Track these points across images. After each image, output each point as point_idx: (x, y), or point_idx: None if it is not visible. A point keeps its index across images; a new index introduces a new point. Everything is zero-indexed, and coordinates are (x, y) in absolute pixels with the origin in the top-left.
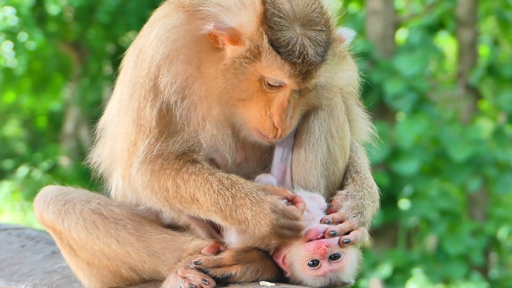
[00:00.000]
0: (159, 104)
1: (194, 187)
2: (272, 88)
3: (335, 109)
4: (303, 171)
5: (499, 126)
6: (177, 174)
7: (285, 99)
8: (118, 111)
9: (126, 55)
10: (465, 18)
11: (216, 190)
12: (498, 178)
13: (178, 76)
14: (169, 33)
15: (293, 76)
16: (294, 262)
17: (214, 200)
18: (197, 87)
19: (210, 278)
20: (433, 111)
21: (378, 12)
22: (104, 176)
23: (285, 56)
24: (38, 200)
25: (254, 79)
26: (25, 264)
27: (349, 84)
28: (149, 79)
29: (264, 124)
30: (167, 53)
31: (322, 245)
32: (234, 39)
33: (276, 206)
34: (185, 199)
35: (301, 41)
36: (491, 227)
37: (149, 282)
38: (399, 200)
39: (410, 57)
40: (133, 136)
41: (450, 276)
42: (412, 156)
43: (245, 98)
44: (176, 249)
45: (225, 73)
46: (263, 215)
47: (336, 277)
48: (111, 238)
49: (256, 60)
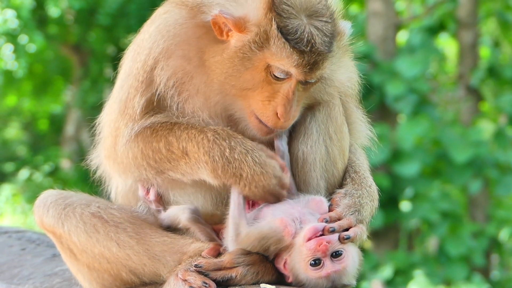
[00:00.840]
0: (149, 95)
1: (187, 140)
2: (278, 79)
3: (332, 110)
4: (302, 174)
5: (500, 128)
6: (170, 132)
7: (290, 91)
8: (110, 105)
9: (125, 53)
10: (465, 20)
11: (212, 140)
12: (499, 179)
13: (176, 71)
14: (170, 27)
15: (300, 66)
16: (295, 265)
17: (206, 149)
18: (195, 82)
19: (211, 281)
20: (434, 113)
21: (379, 13)
22: (104, 177)
23: (293, 44)
24: (38, 204)
25: (261, 68)
26: (26, 267)
27: (350, 79)
28: (144, 71)
29: (266, 111)
30: (166, 47)
31: (323, 241)
32: (239, 26)
33: (277, 171)
34: (175, 155)
35: (309, 29)
36: (492, 229)
37: (150, 285)
38: (400, 202)
39: (411, 58)
40: (117, 123)
41: (451, 278)
42: (413, 158)
43: (249, 87)
44: (176, 252)
45: (230, 59)
46: (264, 177)
47: (338, 278)
48: (111, 241)
49: (264, 46)
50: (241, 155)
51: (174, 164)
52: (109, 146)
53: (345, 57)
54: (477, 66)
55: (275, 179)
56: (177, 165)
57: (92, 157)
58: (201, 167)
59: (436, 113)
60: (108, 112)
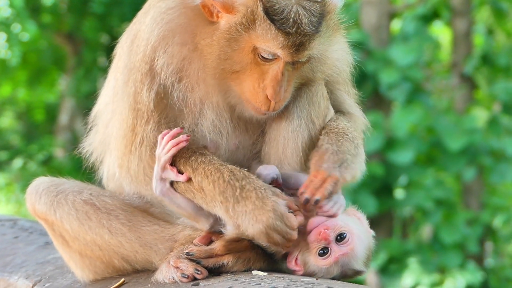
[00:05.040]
0: (156, 87)
1: (203, 175)
2: (266, 60)
3: (315, 96)
4: (284, 157)
5: (494, 115)
6: (186, 161)
7: (278, 72)
8: (112, 98)
9: (120, 42)
10: (459, 8)
11: (227, 180)
12: (493, 167)
13: (174, 57)
14: (164, 14)
15: (286, 47)
16: (306, 259)
17: (222, 189)
18: (194, 67)
19: (203, 268)
20: (428, 101)
21: (373, 2)
22: (96, 164)
23: (279, 25)
24: (30, 192)
25: (247, 49)
26: (18, 255)
27: (342, 57)
28: (145, 62)
29: (257, 96)
30: (162, 35)
31: (320, 229)
32: (227, 8)
33: (278, 207)
34: (192, 186)
35: (296, 9)
36: (486, 216)
37: (142, 272)
38: (394, 190)
39: (405, 47)
40: (130, 121)
41: (445, 265)
42: (407, 145)
43: (238, 70)
44: (168, 239)
45: (219, 41)
46: (263, 210)
47: (347, 264)
48: (103, 228)
49: (250, 28)
50: (247, 192)
51: (190, 195)
52: (123, 152)
53: (336, 35)
54: (471, 54)
55: (274, 213)
56: (193, 197)
57: (84, 144)
58: (216, 206)
59: (430, 101)
60: (114, 107)
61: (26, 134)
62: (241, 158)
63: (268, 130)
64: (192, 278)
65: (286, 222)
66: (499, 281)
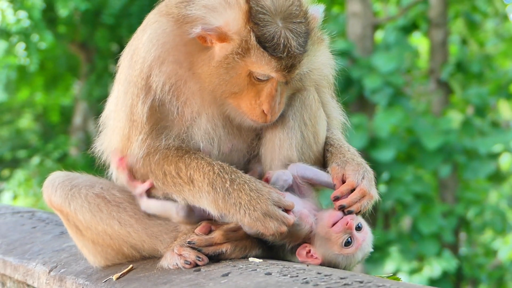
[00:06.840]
0: (150, 102)
1: (195, 168)
2: (261, 81)
3: (307, 99)
4: (281, 157)
5: (468, 118)
6: (180, 159)
7: (273, 89)
8: (115, 107)
9: (122, 55)
10: (436, 20)
11: (217, 172)
12: (466, 164)
13: (170, 76)
14: (159, 36)
15: (279, 70)
16: (326, 251)
17: (210, 180)
18: (190, 85)
19: (203, 255)
20: (408, 104)
21: (357, 14)
22: (106, 163)
23: (271, 51)
24: (47, 185)
25: (244, 74)
26: (36, 243)
27: (325, 63)
28: (141, 78)
29: (254, 111)
30: (157, 55)
31: (347, 219)
32: (222, 37)
33: (273, 194)
34: (182, 180)
35: (284, 34)
36: (460, 209)
37: (149, 259)
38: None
39: (387, 55)
40: (126, 130)
41: (423, 254)
42: (389, 145)
43: (236, 91)
44: (172, 230)
45: (217, 70)
46: (260, 200)
47: (365, 248)
48: (113, 219)
49: (246, 56)
50: (239, 185)
51: (178, 188)
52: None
53: (320, 46)
54: (446, 62)
55: (271, 200)
56: (180, 190)
57: (96, 145)
58: (203, 196)
59: (409, 104)
60: (116, 116)
61: (43, 134)
62: (236, 160)
63: (264, 133)
64: (194, 264)
65: (282, 205)
66: (472, 268)
